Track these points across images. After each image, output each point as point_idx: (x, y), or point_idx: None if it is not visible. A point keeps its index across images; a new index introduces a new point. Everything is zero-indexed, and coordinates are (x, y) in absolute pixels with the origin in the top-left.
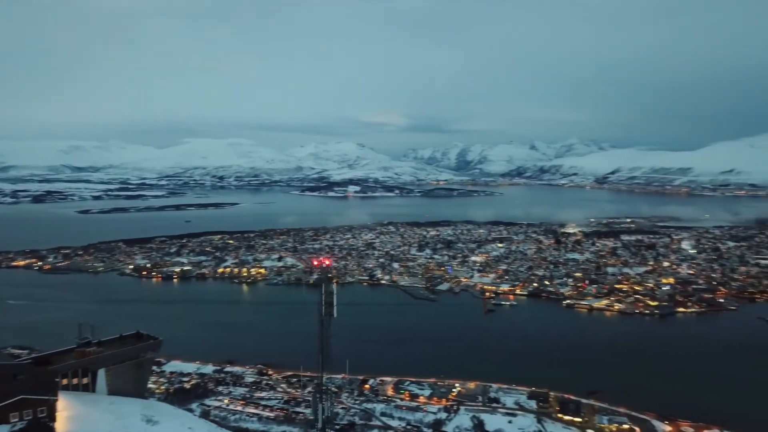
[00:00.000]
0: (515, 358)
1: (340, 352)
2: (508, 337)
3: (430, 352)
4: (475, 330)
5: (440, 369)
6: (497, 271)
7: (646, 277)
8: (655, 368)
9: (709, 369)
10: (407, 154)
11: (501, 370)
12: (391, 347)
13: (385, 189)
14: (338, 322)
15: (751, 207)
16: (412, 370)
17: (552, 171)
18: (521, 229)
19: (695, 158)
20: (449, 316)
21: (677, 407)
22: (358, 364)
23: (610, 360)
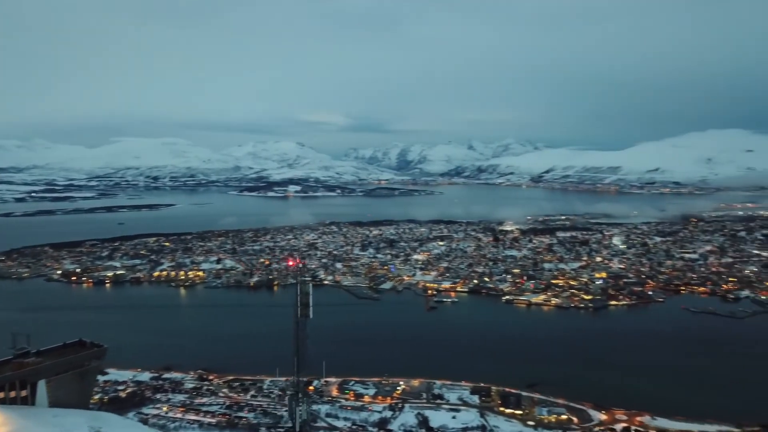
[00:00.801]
0: (458, 354)
1: (283, 354)
2: (450, 334)
3: (374, 352)
4: (419, 328)
5: (385, 368)
6: (439, 269)
7: (580, 272)
8: (590, 359)
9: (640, 358)
10: (348, 153)
11: (444, 366)
12: (334, 348)
13: (327, 188)
14: (281, 324)
15: (675, 203)
16: (357, 369)
17: (489, 170)
18: (461, 227)
19: (623, 158)
20: (393, 314)
21: (611, 396)
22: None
23: (548, 353)
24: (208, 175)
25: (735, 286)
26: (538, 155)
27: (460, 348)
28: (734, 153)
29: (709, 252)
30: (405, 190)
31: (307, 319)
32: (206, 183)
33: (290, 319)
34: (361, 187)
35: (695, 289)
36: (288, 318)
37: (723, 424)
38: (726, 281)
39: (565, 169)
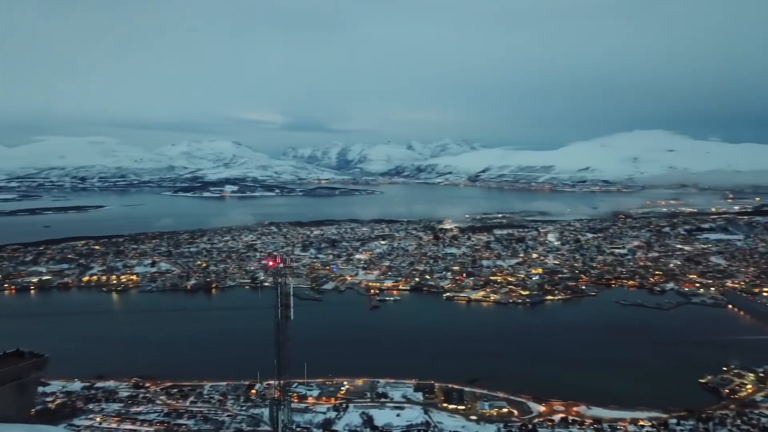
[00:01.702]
0: (401, 352)
1: (227, 358)
2: (393, 332)
3: (317, 352)
4: (362, 327)
5: (328, 368)
6: (381, 268)
7: (517, 268)
8: (528, 353)
9: (575, 350)
10: (287, 152)
11: (388, 365)
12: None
13: (265, 188)
14: (222, 328)
15: (604, 201)
16: (300, 371)
17: (428, 170)
18: (402, 226)
19: (556, 157)
20: (336, 314)
21: (549, 388)
22: (243, 370)
23: (489, 348)
24: (140, 175)
25: (661, 279)
26: (475, 155)
27: (404, 346)
28: (658, 153)
29: (636, 247)
30: (346, 189)
31: (287, 321)
32: (138, 183)
33: (232, 322)
34: (300, 186)
35: (625, 282)
36: (229, 321)
37: (652, 410)
38: (653, 274)
39: (500, 168)
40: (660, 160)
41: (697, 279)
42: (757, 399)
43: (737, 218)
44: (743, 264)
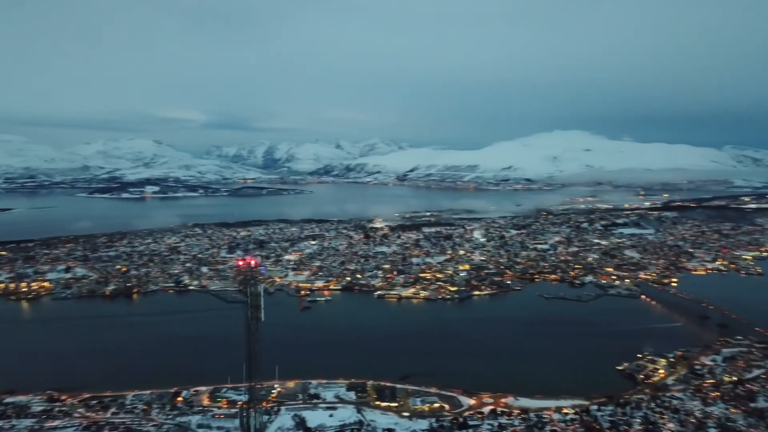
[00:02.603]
0: (333, 352)
1: (151, 366)
2: (325, 332)
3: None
4: (293, 328)
5: (259, 371)
6: (311, 268)
7: (445, 265)
8: (458, 348)
9: (502, 343)
10: (210, 151)
11: (320, 365)
12: (204, 356)
13: (188, 189)
14: (143, 334)
15: (527, 198)
16: (229, 375)
17: (357, 169)
18: (332, 225)
19: (481, 156)
20: (265, 316)
21: (479, 381)
22: (166, 377)
23: (420, 344)
24: (52, 175)
25: (580, 272)
26: (403, 154)
27: (336, 346)
28: (576, 152)
29: (557, 242)
30: (273, 189)
31: (258, 322)
32: (49, 185)
33: (156, 328)
34: (225, 186)
35: (547, 276)
36: (154, 327)
37: (575, 398)
38: (573, 268)
39: (428, 167)
40: (578, 159)
41: (614, 272)
42: (669, 383)
43: (648, 214)
44: (654, 257)
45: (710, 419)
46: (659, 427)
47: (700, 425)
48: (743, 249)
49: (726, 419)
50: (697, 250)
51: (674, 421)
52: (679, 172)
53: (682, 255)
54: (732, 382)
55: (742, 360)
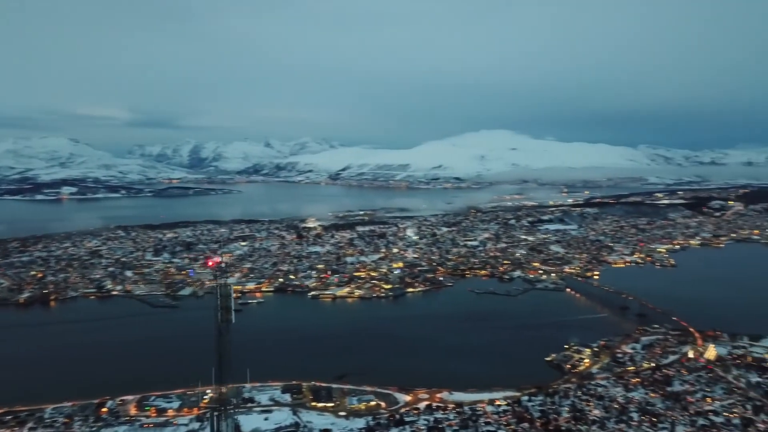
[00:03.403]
0: (267, 354)
1: (72, 376)
2: (258, 335)
3: (176, 362)
4: None
5: (190, 377)
6: (242, 270)
7: (379, 263)
8: (393, 345)
9: (436, 339)
10: (133, 150)
11: (254, 369)
12: (130, 363)
13: (109, 189)
14: (65, 342)
15: (457, 197)
16: (158, 383)
17: (288, 168)
18: (263, 226)
19: (411, 156)
20: (195, 321)
21: (414, 377)
22: (89, 387)
23: (355, 343)
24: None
25: (509, 267)
26: (335, 153)
27: (269, 348)
28: (502, 151)
29: (487, 239)
30: (200, 189)
31: (229, 324)
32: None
33: (77, 336)
34: (150, 186)
35: (478, 272)
36: (74, 336)
37: (507, 390)
38: (502, 264)
39: (360, 166)
40: (504, 158)
41: (540, 266)
42: (594, 371)
43: (571, 210)
44: (577, 251)
45: (632, 404)
46: (585, 414)
47: (622, 410)
48: (658, 242)
49: (646, 403)
50: (616, 244)
51: (599, 408)
52: (599, 170)
53: (603, 249)
54: (650, 368)
55: (659, 347)
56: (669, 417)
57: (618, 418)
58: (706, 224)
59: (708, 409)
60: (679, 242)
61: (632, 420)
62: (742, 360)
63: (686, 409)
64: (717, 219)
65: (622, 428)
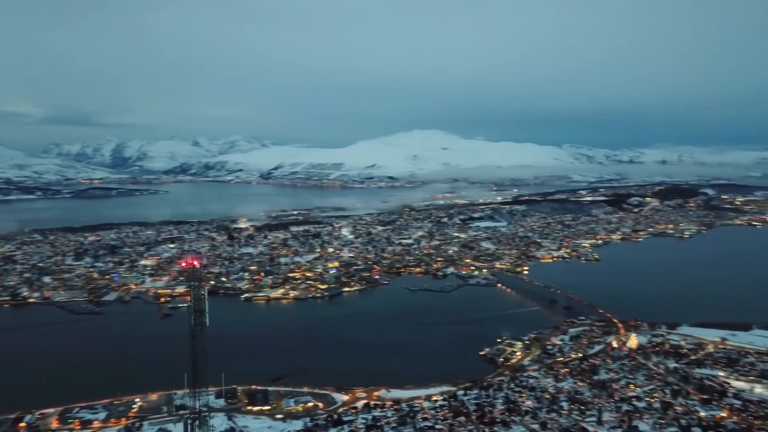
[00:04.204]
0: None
1: None
2: (188, 341)
3: (99, 371)
4: (152, 338)
5: (116, 386)
6: (171, 273)
7: (315, 263)
8: (330, 345)
9: (373, 337)
10: (49, 149)
11: (185, 374)
12: (49, 374)
13: (23, 191)
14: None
15: (391, 196)
16: (81, 394)
17: (218, 167)
18: (193, 227)
19: (345, 155)
20: (120, 327)
21: (352, 377)
22: (5, 401)
23: (291, 345)
24: None
25: (442, 264)
26: (266, 152)
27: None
28: (434, 151)
29: (421, 237)
30: (124, 189)
31: (203, 328)
32: None
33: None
34: (68, 187)
35: (413, 270)
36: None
37: (443, 385)
38: (435, 261)
39: (292, 165)
40: (436, 157)
41: (472, 262)
42: (525, 363)
43: (501, 208)
44: (507, 247)
45: (562, 394)
46: (519, 405)
47: (553, 400)
48: (582, 238)
49: (574, 392)
50: (544, 240)
51: (531, 399)
52: (526, 169)
53: (531, 245)
54: (578, 359)
55: (586, 338)
56: (596, 404)
57: (549, 408)
58: (626, 220)
59: (631, 395)
60: (602, 237)
61: (562, 409)
62: (660, 347)
63: (612, 396)
64: (636, 215)
65: (553, 417)
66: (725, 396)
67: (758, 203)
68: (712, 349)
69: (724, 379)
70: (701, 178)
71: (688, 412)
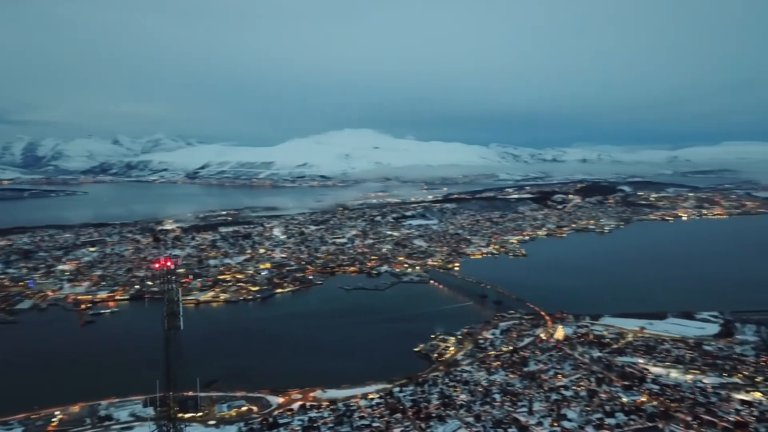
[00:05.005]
0: (124, 367)
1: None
2: (114, 347)
3: (14, 383)
4: (73, 347)
5: (34, 399)
6: (92, 278)
7: (245, 265)
8: (263, 347)
9: (308, 338)
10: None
11: (111, 383)
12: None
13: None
14: None
15: (324, 195)
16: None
17: (140, 167)
18: (115, 229)
19: (275, 153)
20: (36, 337)
21: (287, 378)
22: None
23: (224, 348)
24: None
25: (376, 263)
26: (192, 151)
27: (127, 360)
28: (365, 149)
29: (354, 236)
30: (38, 191)
31: (176, 332)
32: None
33: None
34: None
35: (347, 269)
36: None
37: (379, 383)
38: (369, 260)
39: (220, 164)
40: (368, 156)
41: (406, 260)
42: (459, 358)
43: (432, 206)
44: (439, 244)
45: (494, 386)
46: (453, 399)
47: (486, 393)
48: (510, 234)
49: (506, 384)
50: (473, 237)
51: (465, 392)
52: (455, 168)
53: (462, 242)
54: (509, 351)
55: (515, 331)
56: (527, 395)
57: (483, 401)
58: (551, 216)
59: (559, 384)
60: (529, 233)
61: (495, 401)
62: (585, 338)
63: (541, 387)
64: (560, 211)
65: (487, 409)
66: (644, 381)
67: (670, 199)
68: (631, 337)
69: (644, 365)
70: (619, 175)
71: (612, 399)
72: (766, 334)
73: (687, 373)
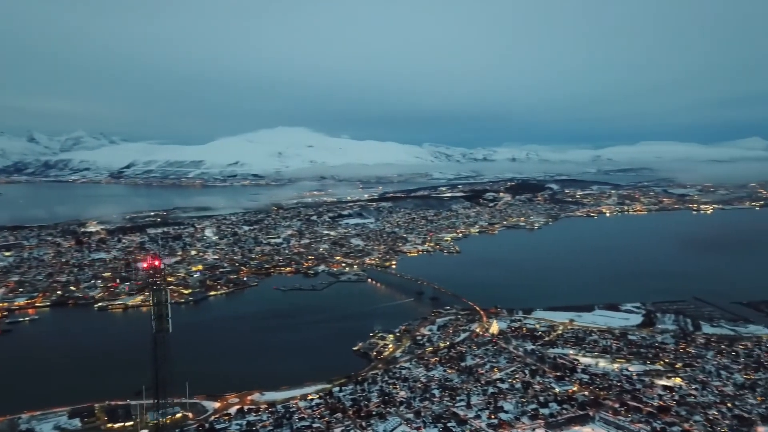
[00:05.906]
0: (46, 378)
1: None
2: (34, 357)
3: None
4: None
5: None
6: (8, 284)
7: (176, 267)
8: (197, 352)
9: (243, 341)
10: None
11: (32, 395)
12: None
13: None
14: None
15: (258, 194)
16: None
17: (60, 166)
18: (32, 232)
19: (205, 152)
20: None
21: (223, 383)
22: None
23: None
24: None
25: (313, 262)
26: (116, 149)
27: (49, 371)
28: (299, 148)
29: (290, 236)
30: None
31: (165, 334)
32: None
33: None
34: None
35: (283, 269)
36: None
37: (318, 383)
38: (306, 259)
39: (147, 163)
40: (302, 154)
41: (343, 259)
42: (398, 355)
43: (368, 205)
44: (376, 243)
45: (433, 382)
46: (393, 396)
47: (425, 388)
48: (444, 231)
49: (445, 380)
50: (409, 235)
51: (405, 389)
52: (390, 167)
53: (398, 240)
54: (446, 347)
55: (452, 327)
56: (465, 389)
57: (422, 397)
58: (483, 214)
59: (495, 378)
60: (462, 231)
61: (434, 396)
62: (518, 331)
63: (478, 381)
64: (491, 209)
65: (426, 405)
66: (575, 372)
67: (594, 196)
68: (562, 330)
69: (574, 356)
70: (546, 174)
71: (545, 389)
72: (683, 323)
73: (614, 362)
